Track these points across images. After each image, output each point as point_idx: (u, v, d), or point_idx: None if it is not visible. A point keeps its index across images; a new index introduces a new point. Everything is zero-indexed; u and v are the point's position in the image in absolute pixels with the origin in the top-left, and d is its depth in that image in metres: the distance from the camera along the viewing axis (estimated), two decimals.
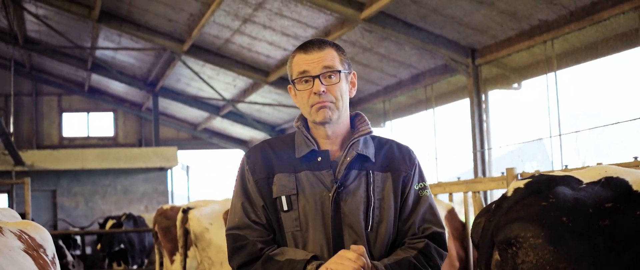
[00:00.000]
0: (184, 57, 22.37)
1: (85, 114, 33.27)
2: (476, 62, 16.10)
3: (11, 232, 3.25)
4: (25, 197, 15.20)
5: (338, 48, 3.69)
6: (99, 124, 33.61)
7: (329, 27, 17.32)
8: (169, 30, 21.50)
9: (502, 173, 7.53)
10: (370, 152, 3.64)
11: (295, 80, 3.63)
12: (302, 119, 3.77)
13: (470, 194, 8.25)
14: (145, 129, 33.37)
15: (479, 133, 16.26)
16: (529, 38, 14.32)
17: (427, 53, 16.95)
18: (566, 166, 7.41)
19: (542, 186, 3.14)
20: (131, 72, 28.39)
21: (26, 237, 3.31)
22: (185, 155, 33.82)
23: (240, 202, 3.70)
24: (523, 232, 2.98)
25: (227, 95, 25.57)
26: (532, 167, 21.11)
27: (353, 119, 3.80)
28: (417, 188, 3.68)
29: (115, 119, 33.60)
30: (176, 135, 34.17)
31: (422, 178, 3.74)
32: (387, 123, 21.23)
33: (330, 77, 3.56)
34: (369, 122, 3.76)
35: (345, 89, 3.64)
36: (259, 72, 22.09)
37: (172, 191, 32.21)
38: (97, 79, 30.41)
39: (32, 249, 3.27)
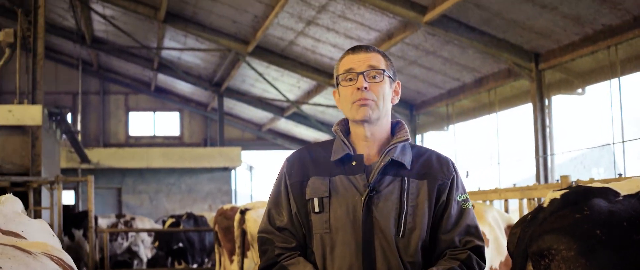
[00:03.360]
0: (249, 59, 22.52)
1: (151, 113, 33.70)
2: (539, 67, 15.96)
3: (43, 254, 2.87)
4: (88, 195, 15.47)
5: (385, 55, 3.73)
6: (165, 123, 33.99)
7: (392, 30, 17.31)
8: (233, 32, 21.66)
9: (557, 180, 7.46)
10: (407, 159, 3.63)
11: (339, 78, 3.67)
12: (341, 124, 3.80)
13: (525, 200, 8.18)
14: (210, 128, 33.66)
15: (541, 138, 16.11)
16: (592, 43, 14.15)
17: (490, 57, 16.85)
18: (620, 175, 7.28)
19: (578, 197, 3.11)
20: (197, 73, 28.66)
21: (56, 258, 2.95)
22: (249, 156, 34.06)
23: (268, 207, 3.80)
24: (556, 244, 2.96)
25: (291, 96, 25.68)
26: (599, 174, 20.86)
27: (394, 126, 3.81)
28: (460, 200, 3.65)
29: (181, 119, 33.96)
30: (241, 135, 34.41)
31: (463, 190, 3.72)
32: (450, 127, 21.13)
33: (374, 76, 3.60)
34: (409, 131, 3.76)
35: (387, 92, 3.65)
36: (322, 74, 22.14)
37: (235, 191, 32.45)
38: (163, 79, 30.79)
39: None
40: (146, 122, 33.74)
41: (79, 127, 29.64)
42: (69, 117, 30.77)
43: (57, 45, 30.13)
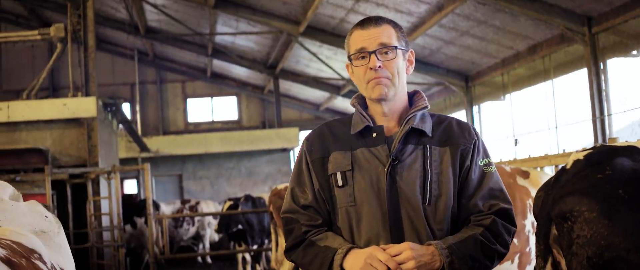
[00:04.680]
0: (301, 39, 22.50)
1: (209, 99, 33.87)
2: (593, 31, 15.68)
3: None
4: (145, 183, 15.63)
5: (395, 25, 3.65)
6: (223, 108, 34.14)
7: (442, 2, 17.15)
8: (284, 13, 21.64)
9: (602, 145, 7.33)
10: (427, 127, 3.58)
11: (352, 57, 3.62)
12: (359, 97, 3.77)
13: None
14: (268, 111, 33.75)
15: (598, 103, 15.84)
16: None
17: (542, 23, 16.61)
18: None
19: (602, 158, 3.02)
20: (251, 56, 28.71)
21: (8, 242, 2.82)
22: None
23: (291, 187, 3.75)
24: (577, 206, 2.87)
25: (346, 74, 25.58)
26: None
27: (412, 96, 3.75)
28: (482, 164, 3.58)
29: (239, 103, 34.10)
30: (299, 116, 34.46)
31: (486, 154, 3.64)
32: (507, 96, 20.89)
33: (386, 53, 3.53)
34: (427, 99, 3.68)
35: (401, 66, 3.58)
36: None
37: None
38: (218, 64, 30.92)
39: (20, 255, 2.79)
40: (204, 108, 33.93)
41: (138, 117, 29.98)
42: (127, 107, 31.17)
43: (112, 38, 30.45)
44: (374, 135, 3.58)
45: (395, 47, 3.55)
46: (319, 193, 3.64)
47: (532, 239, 7.31)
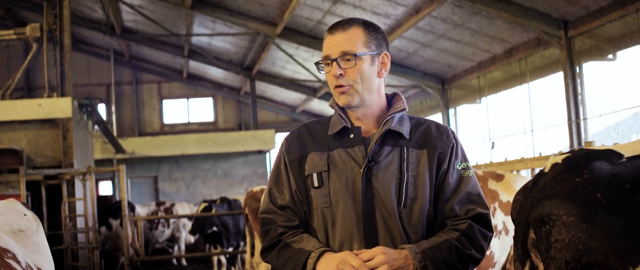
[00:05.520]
0: (278, 40, 22.47)
1: (185, 100, 33.80)
2: (569, 34, 15.73)
3: None
4: (120, 184, 15.55)
5: (368, 27, 3.63)
6: (199, 109, 34.08)
7: (419, 4, 17.17)
8: (261, 14, 21.60)
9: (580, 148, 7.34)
10: (405, 129, 3.57)
11: (321, 63, 3.64)
12: None
13: None
14: (244, 113, 33.73)
15: (573, 107, 15.89)
16: (620, 7, 13.91)
17: (519, 26, 16.67)
18: None
19: (580, 161, 3.01)
20: (227, 57, 28.67)
21: None
22: None
23: (269, 187, 3.75)
24: (555, 210, 2.86)
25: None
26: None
27: (391, 99, 3.74)
28: (460, 168, 3.58)
29: (215, 104, 34.05)
30: (275, 118, 34.45)
31: (464, 158, 3.64)
32: (483, 99, 20.93)
33: (348, 60, 3.53)
34: (405, 101, 3.67)
35: (367, 71, 3.55)
36: None
37: None
38: (195, 66, 30.85)
39: None
40: (180, 110, 33.87)
41: (113, 117, 29.87)
42: (103, 108, 31.06)
43: (88, 38, 30.32)
44: (351, 136, 3.59)
45: (355, 55, 3.53)
46: (296, 194, 3.63)
47: (493, 243, 7.34)
